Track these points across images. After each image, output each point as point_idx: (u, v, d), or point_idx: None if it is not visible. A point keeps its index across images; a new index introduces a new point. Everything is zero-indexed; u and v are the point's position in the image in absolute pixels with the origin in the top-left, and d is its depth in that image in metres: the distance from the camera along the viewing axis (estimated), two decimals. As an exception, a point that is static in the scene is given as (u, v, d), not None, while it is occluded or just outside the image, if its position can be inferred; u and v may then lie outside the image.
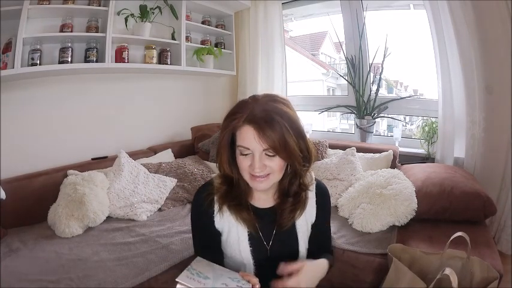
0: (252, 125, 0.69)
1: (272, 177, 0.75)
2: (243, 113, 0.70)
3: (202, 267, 0.69)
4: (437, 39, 1.94)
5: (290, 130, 0.70)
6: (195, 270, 0.67)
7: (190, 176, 1.94)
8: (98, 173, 1.70)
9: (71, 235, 1.41)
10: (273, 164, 0.72)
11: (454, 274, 0.80)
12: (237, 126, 0.71)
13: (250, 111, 0.70)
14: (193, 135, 2.44)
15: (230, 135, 0.74)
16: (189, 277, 0.64)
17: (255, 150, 0.71)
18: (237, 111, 0.72)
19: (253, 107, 0.71)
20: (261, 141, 0.69)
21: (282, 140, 0.68)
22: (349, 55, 2.45)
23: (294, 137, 0.70)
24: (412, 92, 2.95)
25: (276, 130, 0.68)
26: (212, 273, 0.68)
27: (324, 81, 3.65)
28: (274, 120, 0.68)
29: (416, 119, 2.71)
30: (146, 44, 2.10)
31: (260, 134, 0.68)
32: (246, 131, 0.70)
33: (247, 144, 0.70)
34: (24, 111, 1.70)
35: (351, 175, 1.82)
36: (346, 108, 2.52)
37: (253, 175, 0.74)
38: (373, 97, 2.35)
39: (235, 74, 2.78)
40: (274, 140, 0.68)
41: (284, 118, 0.70)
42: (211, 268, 0.70)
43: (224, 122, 0.74)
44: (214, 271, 0.69)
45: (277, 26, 2.65)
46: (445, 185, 1.46)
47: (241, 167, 0.75)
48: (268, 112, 0.69)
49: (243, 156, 0.73)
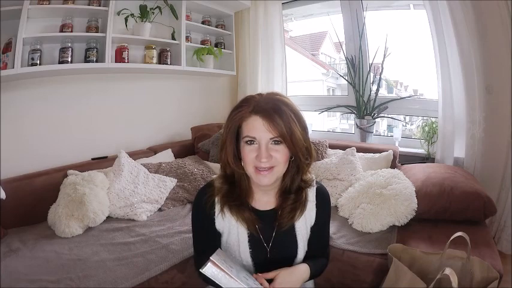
0: (260, 115, 0.71)
1: (276, 170, 0.75)
2: (249, 105, 0.73)
3: (225, 257, 0.72)
4: (437, 39, 1.94)
5: (296, 120, 0.72)
6: (220, 257, 0.68)
7: (190, 176, 1.94)
8: (98, 173, 1.70)
9: (71, 235, 1.41)
10: (279, 155, 0.73)
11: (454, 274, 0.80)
12: (243, 117, 0.73)
13: (257, 103, 0.73)
14: (193, 135, 2.44)
15: (236, 127, 0.75)
16: (219, 261, 0.66)
17: (262, 140, 0.72)
18: (243, 104, 0.74)
19: (259, 99, 0.74)
20: (270, 129, 0.70)
21: (288, 128, 0.71)
22: (349, 55, 2.45)
23: (298, 128, 0.73)
24: (412, 92, 2.95)
25: (283, 118, 0.70)
26: (234, 265, 0.70)
27: (324, 81, 3.65)
28: (281, 109, 0.71)
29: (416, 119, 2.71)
30: (146, 44, 2.10)
31: (269, 123, 0.70)
32: (254, 120, 0.72)
33: (254, 134, 0.72)
34: (24, 111, 1.70)
35: (351, 175, 1.82)
36: (346, 108, 2.52)
37: (257, 168, 0.74)
38: (373, 97, 2.35)
39: (235, 74, 2.78)
40: (282, 127, 0.70)
41: (290, 108, 0.73)
42: (232, 260, 0.73)
43: (230, 115, 0.76)
44: (235, 264, 0.72)
45: (277, 26, 2.65)
46: (445, 185, 1.46)
47: (246, 159, 0.74)
48: (274, 102, 0.73)
49: (249, 148, 0.73)
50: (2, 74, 1.45)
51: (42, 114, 1.78)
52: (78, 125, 1.94)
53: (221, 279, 0.64)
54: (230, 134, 0.76)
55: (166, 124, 2.47)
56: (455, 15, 1.77)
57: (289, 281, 0.76)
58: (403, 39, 2.50)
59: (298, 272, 0.80)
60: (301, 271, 0.81)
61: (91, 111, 2.00)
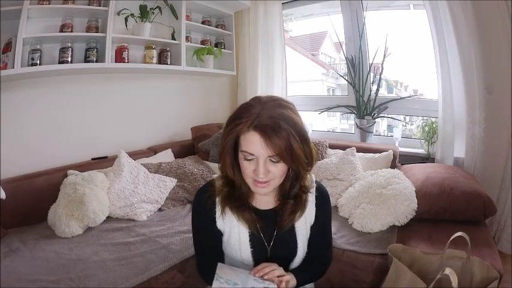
0: (258, 132, 0.68)
1: (273, 183, 0.75)
2: (248, 118, 0.69)
3: (228, 273, 0.71)
4: (437, 39, 1.94)
5: (296, 136, 0.69)
6: (222, 278, 0.68)
7: (190, 176, 1.94)
8: (98, 173, 1.70)
9: (71, 235, 1.41)
10: (277, 170, 0.73)
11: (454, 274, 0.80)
12: (242, 131, 0.70)
13: (256, 117, 0.69)
14: (193, 135, 2.44)
15: (234, 139, 0.73)
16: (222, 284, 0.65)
17: (260, 156, 0.70)
18: (241, 115, 0.70)
19: (259, 112, 0.69)
20: (268, 149, 0.68)
21: (288, 147, 0.68)
22: (349, 55, 2.45)
23: (299, 143, 0.70)
24: (412, 92, 2.94)
25: (282, 137, 0.67)
26: (239, 279, 0.69)
27: (324, 81, 3.65)
28: (280, 128, 0.67)
29: (416, 119, 2.71)
30: (146, 44, 2.10)
31: (266, 142, 0.67)
32: (252, 136, 0.69)
33: (252, 150, 0.70)
34: (24, 111, 1.70)
35: (351, 175, 1.82)
36: (346, 108, 2.52)
37: (256, 180, 0.74)
38: (373, 97, 2.35)
39: (235, 74, 2.78)
40: (280, 147, 0.68)
41: (290, 124, 0.69)
42: (236, 273, 0.72)
43: (228, 125, 0.73)
44: (239, 276, 0.71)
45: (277, 26, 2.65)
46: (445, 185, 1.46)
47: (244, 172, 0.74)
48: (274, 119, 0.68)
49: (247, 162, 0.73)
50: (2, 74, 1.45)
51: (42, 114, 1.78)
52: (78, 125, 1.94)
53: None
54: (228, 146, 0.74)
55: (166, 124, 2.47)
56: (455, 15, 1.77)
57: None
58: (403, 39, 2.50)
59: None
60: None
61: (91, 111, 2.00)
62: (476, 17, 1.71)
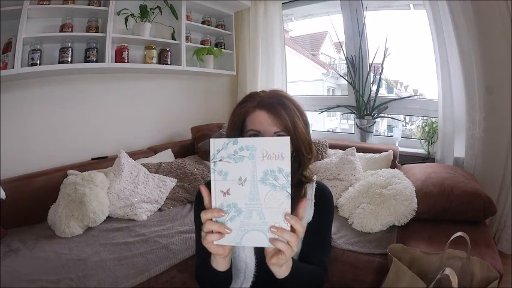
0: (264, 109, 0.72)
1: None
2: (253, 100, 0.74)
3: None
4: (437, 39, 1.94)
5: (299, 114, 0.74)
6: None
7: (190, 176, 1.94)
8: (98, 173, 1.70)
9: (71, 235, 1.41)
10: None
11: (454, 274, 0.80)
12: (248, 111, 0.74)
13: (261, 98, 0.74)
14: (193, 135, 2.44)
15: (241, 121, 0.76)
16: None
17: (266, 133, 0.73)
18: (247, 100, 0.76)
19: (263, 95, 0.76)
20: (274, 122, 0.71)
21: (292, 121, 0.72)
22: (349, 55, 2.45)
23: (302, 122, 0.74)
24: (412, 92, 2.95)
25: (287, 112, 0.72)
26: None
27: (324, 81, 3.65)
28: (285, 105, 0.73)
29: (416, 119, 2.71)
30: (146, 44, 2.10)
31: (273, 116, 0.71)
32: (258, 114, 0.73)
33: (259, 127, 0.72)
34: (24, 111, 1.70)
35: (351, 175, 1.82)
36: (346, 108, 2.52)
37: None
38: (373, 97, 2.35)
39: (235, 74, 2.78)
40: (286, 120, 0.71)
41: (293, 103, 0.75)
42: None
43: (234, 110, 0.77)
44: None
45: (277, 26, 2.65)
46: (445, 185, 1.46)
47: None
48: (278, 97, 0.75)
49: None
50: (2, 74, 1.45)
51: (42, 114, 1.78)
52: (78, 125, 1.94)
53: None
54: (234, 129, 0.77)
55: (166, 124, 2.47)
56: (455, 15, 1.77)
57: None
58: (403, 39, 2.50)
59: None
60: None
61: (91, 111, 2.00)
62: (476, 17, 1.71)
